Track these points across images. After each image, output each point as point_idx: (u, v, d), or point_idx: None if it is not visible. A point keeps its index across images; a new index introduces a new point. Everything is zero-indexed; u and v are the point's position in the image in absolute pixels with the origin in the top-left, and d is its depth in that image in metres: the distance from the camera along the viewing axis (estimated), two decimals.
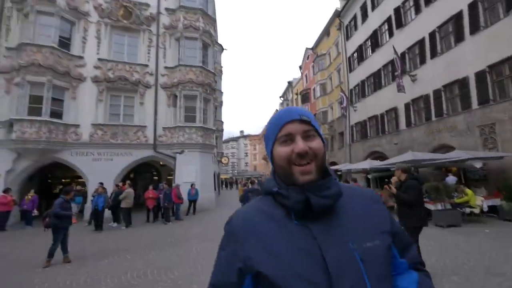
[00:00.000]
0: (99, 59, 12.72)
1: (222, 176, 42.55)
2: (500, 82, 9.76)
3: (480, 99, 10.24)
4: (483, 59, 10.17)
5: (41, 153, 11.13)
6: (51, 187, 16.29)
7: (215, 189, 18.33)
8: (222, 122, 27.57)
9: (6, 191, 9.81)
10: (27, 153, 10.91)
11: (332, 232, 0.65)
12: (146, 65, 13.56)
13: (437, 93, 12.34)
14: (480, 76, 10.28)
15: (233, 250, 0.68)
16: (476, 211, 7.97)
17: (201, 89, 13.67)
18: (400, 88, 13.07)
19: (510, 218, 7.79)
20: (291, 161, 0.69)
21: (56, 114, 11.44)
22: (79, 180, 14.63)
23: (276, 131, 0.73)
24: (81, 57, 12.42)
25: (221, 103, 26.04)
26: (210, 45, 14.99)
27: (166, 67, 13.79)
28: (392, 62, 14.68)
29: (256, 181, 10.24)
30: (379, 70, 16.88)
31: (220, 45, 25.84)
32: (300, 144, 0.68)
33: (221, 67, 26.28)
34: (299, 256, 0.62)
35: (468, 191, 8.31)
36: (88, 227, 9.88)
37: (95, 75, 12.54)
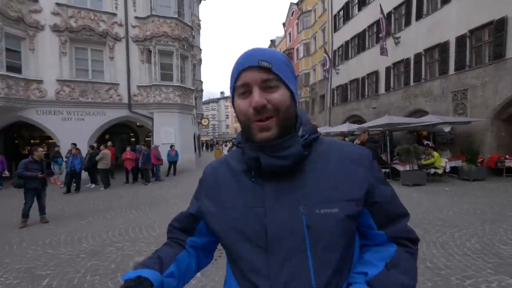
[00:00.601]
0: (58, 4, 11.11)
1: (203, 138, 42.30)
2: (478, 48, 9.93)
3: (457, 65, 10.47)
4: (465, 23, 10.14)
5: (2, 111, 10.18)
6: (18, 147, 15.33)
7: (195, 150, 18.28)
8: (202, 82, 26.37)
9: None
10: None
11: (285, 194, 0.61)
12: (114, 14, 12.09)
13: (417, 57, 12.41)
14: (460, 41, 10.36)
15: (196, 194, 0.78)
16: (440, 171, 8.72)
17: (177, 44, 12.66)
18: (383, 51, 12.97)
19: (468, 178, 8.63)
20: (249, 117, 0.60)
21: (14, 68, 10.24)
22: (50, 141, 13.84)
23: (233, 80, 0.64)
24: (35, 1, 10.74)
25: (200, 61, 24.54)
26: None
27: (137, 17, 12.41)
28: (377, 22, 14.26)
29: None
30: (364, 31, 16.44)
31: None
32: (255, 97, 0.58)
33: (199, 20, 24.14)
34: (245, 213, 0.62)
35: (435, 153, 8.95)
36: (64, 188, 9.65)
37: (54, 23, 11.06)
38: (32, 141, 15.73)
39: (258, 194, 0.63)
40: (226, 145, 17.00)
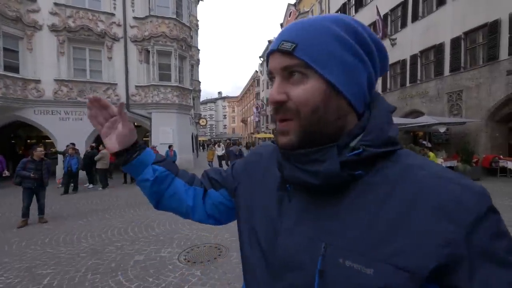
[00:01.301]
0: (56, 4, 11.08)
1: (200, 138, 42.26)
2: (473, 50, 10.09)
3: (452, 66, 10.62)
4: (460, 25, 10.30)
5: (0, 111, 10.15)
6: (15, 147, 15.25)
7: (193, 150, 18.29)
8: (200, 82, 26.37)
9: None
10: None
11: (308, 217, 0.47)
12: (112, 14, 12.09)
13: (413, 58, 12.55)
14: (455, 43, 10.51)
15: (234, 169, 0.70)
16: None
17: (175, 45, 12.69)
18: None
19: None
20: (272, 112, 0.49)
21: (11, 67, 10.20)
22: (47, 140, 13.78)
23: (267, 66, 0.51)
24: (33, 0, 10.72)
25: (197, 61, 24.55)
26: None
27: (135, 18, 12.42)
28: (374, 24, 14.39)
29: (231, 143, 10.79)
30: None
31: None
32: (272, 91, 0.46)
33: (197, 20, 24.15)
34: (264, 220, 0.53)
35: (431, 153, 9.07)
36: (61, 188, 9.64)
37: (52, 23, 11.03)
38: (28, 140, 15.65)
39: (284, 205, 0.51)
40: (219, 145, 16.66)
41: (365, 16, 15.86)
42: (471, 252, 0.36)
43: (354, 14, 17.38)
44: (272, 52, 0.47)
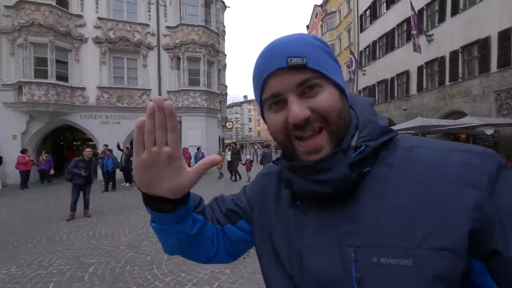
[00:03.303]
0: (99, 18, 12.17)
1: (227, 141, 43.12)
2: None
3: (501, 61, 9.68)
4: (509, 16, 9.37)
5: (51, 116, 11.34)
6: (63, 148, 16.87)
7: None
8: (226, 86, 27.02)
9: (23, 151, 10.25)
10: (39, 115, 11.13)
11: (327, 226, 0.45)
12: (147, 25, 12.95)
13: (453, 54, 11.66)
14: (503, 36, 9.57)
15: (249, 196, 0.64)
16: None
17: (204, 51, 13.19)
18: (416, 48, 12.31)
19: None
20: (289, 136, 0.46)
21: (62, 77, 11.39)
22: (90, 142, 15.07)
23: (258, 91, 0.49)
24: (80, 16, 11.89)
25: (224, 66, 25.21)
26: (212, 1, 14.07)
27: (167, 27, 13.17)
28: (407, 20, 13.66)
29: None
30: (392, 30, 15.81)
31: (223, 2, 24.16)
32: (294, 110, 0.43)
33: (224, 27, 24.86)
34: (285, 245, 0.50)
35: None
36: (101, 186, 10.47)
37: (96, 36, 12.12)
38: (74, 142, 17.23)
39: (299, 223, 0.49)
40: (229, 150, 15.99)
41: (397, 13, 15.12)
42: (498, 211, 0.36)
43: (385, 11, 16.65)
44: (276, 71, 0.44)
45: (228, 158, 11.58)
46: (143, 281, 3.08)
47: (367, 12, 18.56)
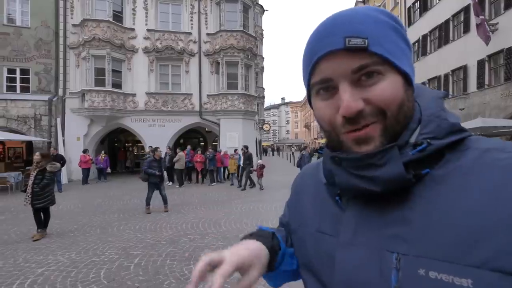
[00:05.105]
0: (148, 30, 13.33)
1: (264, 143, 43.44)
2: None
3: None
4: None
5: (108, 119, 12.74)
6: (118, 150, 18.79)
7: (257, 155, 18.91)
8: (264, 89, 27.24)
9: (84, 151, 11.68)
10: (98, 119, 12.59)
11: (368, 225, 0.40)
12: (190, 33, 13.77)
13: None
14: None
15: (288, 203, 0.63)
16: None
17: (242, 55, 13.51)
18: (488, 36, 10.72)
19: None
20: (338, 128, 0.40)
21: (116, 84, 12.74)
22: (139, 144, 16.58)
23: (307, 74, 0.43)
24: (132, 29, 13.17)
25: (262, 68, 25.46)
26: (250, 6, 14.35)
27: (208, 34, 13.83)
28: (465, 9, 12.22)
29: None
30: (447, 21, 14.26)
31: (261, 6, 24.46)
32: (345, 100, 0.38)
33: (262, 30, 25.13)
34: (316, 239, 0.47)
35: None
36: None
37: (145, 46, 13.28)
38: (126, 144, 19.07)
39: (336, 218, 0.45)
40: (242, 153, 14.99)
41: (452, 2, 13.61)
42: None
43: (437, 1, 15.13)
44: (330, 53, 0.38)
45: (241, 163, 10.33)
46: (180, 276, 3.25)
47: (416, 4, 17.08)
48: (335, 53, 0.38)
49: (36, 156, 4.76)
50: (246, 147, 10.50)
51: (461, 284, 0.31)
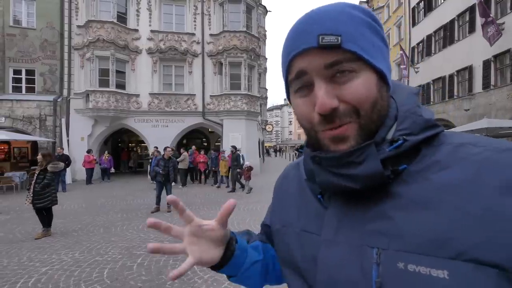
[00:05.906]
0: (152, 31, 13.39)
1: (266, 144, 43.45)
2: None
3: None
4: None
5: (112, 120, 12.82)
6: (122, 150, 18.90)
7: (259, 155, 18.90)
8: (266, 90, 27.27)
9: (88, 151, 11.75)
10: (102, 119, 12.67)
11: (349, 223, 0.41)
12: (193, 34, 13.81)
13: None
14: None
15: (271, 205, 0.63)
16: None
17: (245, 56, 13.51)
18: (495, 36, 10.57)
19: None
20: (314, 125, 0.41)
21: (120, 85, 12.81)
22: (142, 144, 16.65)
23: (284, 71, 0.43)
24: (136, 30, 13.24)
25: (265, 69, 25.48)
26: (254, 7, 14.36)
27: (211, 35, 13.86)
28: (470, 9, 12.09)
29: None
30: (452, 21, 14.13)
31: (264, 7, 24.50)
32: (319, 97, 0.38)
33: (265, 31, 25.16)
34: (300, 239, 0.47)
35: None
36: (152, 184, 11.40)
37: (149, 47, 13.35)
38: (129, 144, 19.18)
39: (319, 216, 0.45)
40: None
41: (458, 2, 13.49)
42: None
43: (442, 1, 15.01)
44: (303, 51, 0.38)
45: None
46: (183, 276, 3.23)
47: (420, 4, 16.96)
48: (309, 51, 0.38)
49: (38, 156, 4.82)
50: (234, 147, 10.02)
51: (437, 276, 0.31)
